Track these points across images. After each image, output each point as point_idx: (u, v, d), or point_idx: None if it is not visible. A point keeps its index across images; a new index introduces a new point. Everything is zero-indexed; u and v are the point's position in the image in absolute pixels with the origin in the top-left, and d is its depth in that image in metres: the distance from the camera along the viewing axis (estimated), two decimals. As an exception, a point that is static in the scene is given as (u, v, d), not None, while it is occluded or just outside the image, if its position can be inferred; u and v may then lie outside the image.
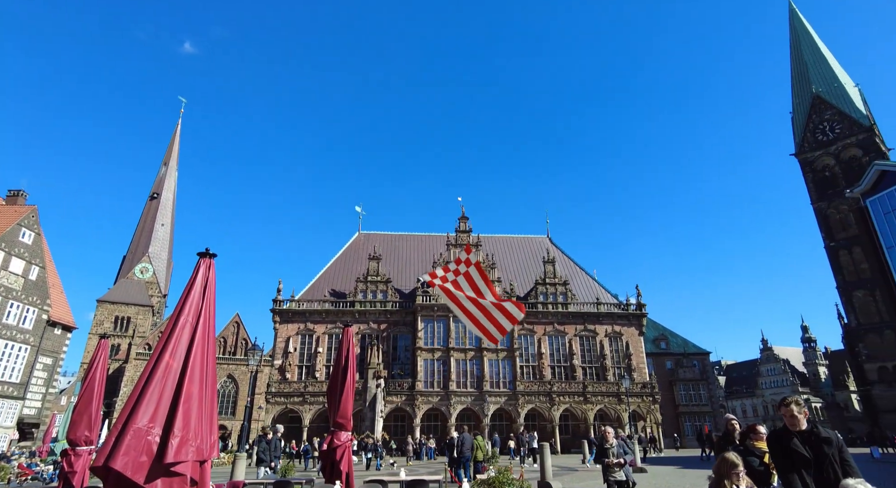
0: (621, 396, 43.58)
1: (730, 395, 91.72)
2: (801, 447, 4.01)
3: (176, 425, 3.64)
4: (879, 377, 46.49)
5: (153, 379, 3.71)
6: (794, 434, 4.13)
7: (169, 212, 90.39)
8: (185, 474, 3.64)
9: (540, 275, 51.33)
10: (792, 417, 4.21)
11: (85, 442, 7.77)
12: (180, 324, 4.08)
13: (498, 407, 43.80)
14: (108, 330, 71.48)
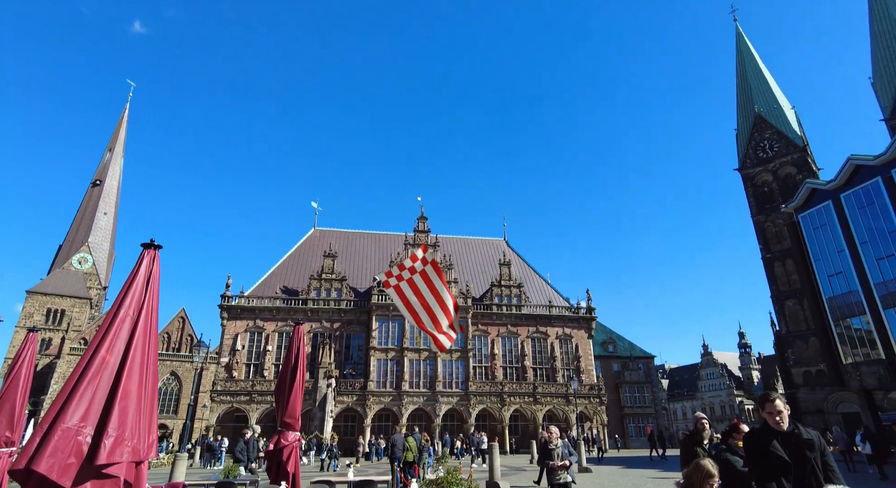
0: (570, 397, 44.67)
1: (672, 397, 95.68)
2: (781, 450, 3.55)
3: (110, 424, 3.44)
4: (804, 381, 49.68)
5: (87, 376, 3.48)
6: (775, 434, 3.64)
7: (113, 200, 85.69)
8: (118, 476, 3.45)
9: (496, 277, 51.96)
10: (778, 413, 3.69)
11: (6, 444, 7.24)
12: (120, 318, 3.86)
13: (450, 407, 43.98)
14: (38, 323, 67.04)
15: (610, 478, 19.87)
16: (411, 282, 9.68)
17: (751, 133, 58.25)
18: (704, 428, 6.18)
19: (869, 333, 30.11)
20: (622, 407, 62.28)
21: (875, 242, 29.98)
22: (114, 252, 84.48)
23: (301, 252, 53.75)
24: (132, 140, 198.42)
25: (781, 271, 51.74)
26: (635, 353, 66.84)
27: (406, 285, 9.74)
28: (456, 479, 10.89)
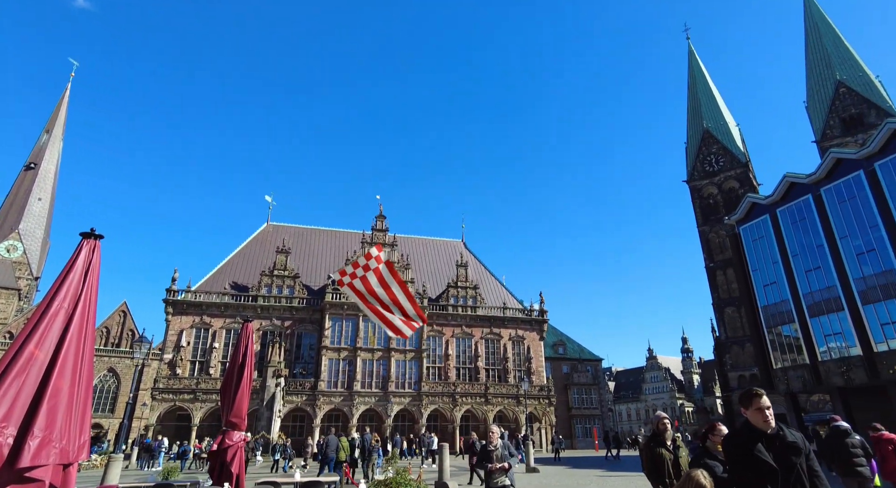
0: (520, 398, 45.42)
1: (617, 399, 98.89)
2: (766, 454, 3.18)
3: (36, 424, 3.24)
4: (739, 384, 52.54)
5: (11, 372, 3.26)
6: (759, 437, 3.26)
7: (49, 185, 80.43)
8: (42, 480, 3.25)
9: (452, 278, 52.22)
10: (763, 412, 3.31)
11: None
12: (52, 311, 3.64)
13: (402, 407, 43.83)
14: (-41, 314, 62.15)
15: (556, 478, 20.33)
16: (365, 279, 9.62)
17: (699, 147, 61.13)
18: (666, 428, 5.79)
19: (797, 340, 32.15)
20: (570, 408, 63.88)
21: (805, 255, 32.07)
22: (48, 240, 79.35)
23: (253, 247, 52.25)
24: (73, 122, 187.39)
25: (723, 280, 54.55)
26: (584, 356, 68.74)
27: (360, 283, 9.68)
28: (405, 480, 10.88)
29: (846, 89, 52.18)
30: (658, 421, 5.91)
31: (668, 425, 5.84)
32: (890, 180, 28.06)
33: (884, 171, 28.46)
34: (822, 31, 57.29)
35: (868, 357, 27.80)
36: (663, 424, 5.83)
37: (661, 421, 5.88)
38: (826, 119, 52.80)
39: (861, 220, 29.14)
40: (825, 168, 31.69)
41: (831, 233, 30.65)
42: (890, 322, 27.16)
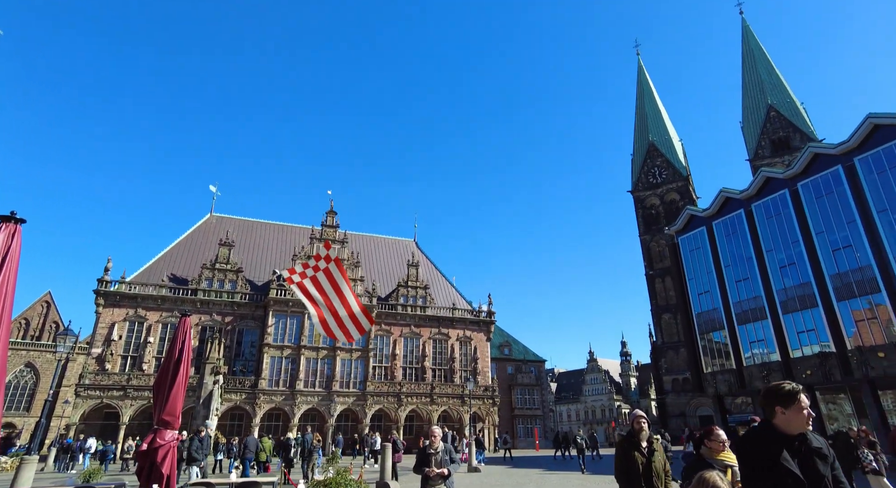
0: (465, 398, 45.84)
1: (558, 400, 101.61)
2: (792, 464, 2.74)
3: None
4: (672, 387, 55.28)
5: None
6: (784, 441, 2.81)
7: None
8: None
9: (403, 277, 52.04)
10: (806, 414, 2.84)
11: None
12: (-36, 299, 3.37)
13: (345, 407, 43.22)
14: None
15: (496, 478, 20.65)
16: (314, 279, 9.47)
17: (644, 159, 63.90)
18: (642, 428, 5.29)
19: (725, 346, 34.19)
20: (513, 408, 65.10)
21: (736, 266, 34.19)
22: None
23: (194, 238, 50.04)
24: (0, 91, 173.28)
25: (661, 287, 57.25)
26: (529, 357, 70.27)
27: (309, 282, 9.52)
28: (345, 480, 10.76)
29: (776, 113, 56.04)
30: (634, 420, 5.40)
31: (644, 424, 5.30)
32: (810, 199, 30.38)
33: (805, 191, 30.76)
34: (757, 57, 61.31)
35: (785, 362, 29.94)
36: (639, 423, 5.31)
37: (637, 420, 5.35)
38: (758, 140, 56.54)
39: (784, 236, 31.38)
40: (756, 185, 33.88)
41: (759, 246, 32.82)
42: (805, 330, 29.38)
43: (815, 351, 28.64)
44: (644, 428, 5.30)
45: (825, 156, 30.15)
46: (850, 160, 28.58)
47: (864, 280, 26.90)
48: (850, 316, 27.41)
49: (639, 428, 5.30)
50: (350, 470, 11.86)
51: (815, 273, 29.20)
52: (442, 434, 7.15)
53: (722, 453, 3.90)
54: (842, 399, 29.15)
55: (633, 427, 5.36)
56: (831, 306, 28.10)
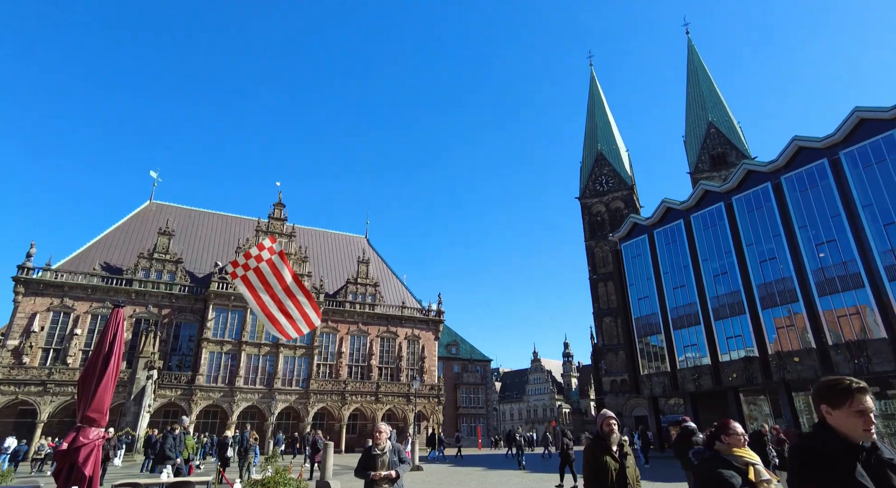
0: (410, 397, 45.80)
1: (502, 399, 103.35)
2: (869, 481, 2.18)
3: None
4: (611, 388, 57.45)
5: None
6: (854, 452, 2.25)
7: None
8: None
9: (353, 274, 51.33)
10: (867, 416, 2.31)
11: None
12: None
13: (287, 405, 42.18)
14: None
15: (438, 476, 20.76)
16: (258, 271, 9.08)
17: (592, 168, 66.01)
18: (612, 430, 4.82)
19: (661, 349, 35.90)
20: (458, 407, 65.65)
21: (674, 274, 35.95)
22: None
23: (131, 226, 47.35)
24: None
25: (604, 291, 59.33)
26: (475, 357, 71.06)
27: (253, 275, 9.12)
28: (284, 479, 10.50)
29: (716, 130, 59.34)
30: (603, 421, 4.89)
31: (614, 426, 4.84)
32: (742, 213, 32.39)
33: (738, 205, 32.77)
34: (700, 75, 64.71)
35: (714, 366, 31.79)
36: (609, 425, 4.83)
37: (607, 421, 4.87)
38: (699, 154, 59.66)
39: (719, 246, 33.30)
40: (695, 197, 35.77)
41: (696, 255, 34.66)
42: (734, 336, 31.30)
43: (741, 355, 30.55)
44: (615, 429, 4.85)
45: (756, 173, 32.22)
46: (778, 178, 30.68)
47: (785, 290, 28.95)
48: (773, 323, 29.44)
49: (609, 430, 4.82)
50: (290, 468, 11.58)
51: (744, 282, 31.15)
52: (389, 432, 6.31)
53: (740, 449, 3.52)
54: (762, 400, 31.27)
55: (602, 429, 4.87)
56: (757, 314, 30.07)
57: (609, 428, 4.82)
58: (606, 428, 4.84)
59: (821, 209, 28.22)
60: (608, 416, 4.90)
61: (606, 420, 4.88)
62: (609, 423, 4.84)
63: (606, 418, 4.89)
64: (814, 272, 27.72)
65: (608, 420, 4.87)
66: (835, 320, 26.64)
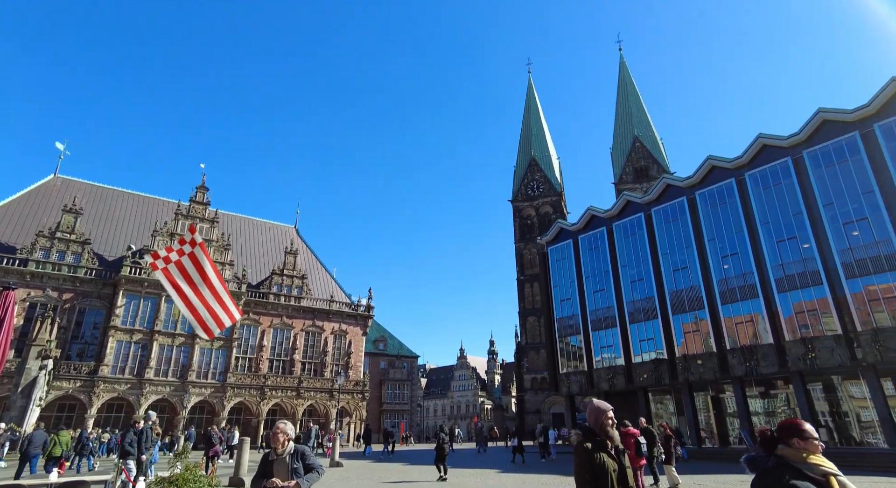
0: (334, 392, 45.02)
1: (427, 396, 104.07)
2: None
3: None
4: (531, 385, 59.56)
5: None
6: None
7: None
8: None
9: (279, 264, 49.58)
10: None
11: None
12: None
13: (201, 399, 40.06)
14: None
15: (357, 472, 20.61)
16: (179, 264, 8.72)
17: (525, 173, 68.04)
18: (611, 425, 3.99)
19: (580, 349, 37.68)
20: (382, 403, 65.37)
21: (594, 278, 37.83)
22: None
23: (31, 200, 42.95)
24: None
25: (530, 292, 61.34)
26: (403, 353, 71.05)
27: (174, 268, 8.75)
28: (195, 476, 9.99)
29: (640, 144, 63.06)
30: (602, 415, 3.98)
31: (613, 420, 4.02)
32: (659, 224, 34.67)
33: (656, 216, 35.04)
34: (630, 91, 68.49)
35: (628, 366, 33.84)
36: (609, 418, 3.97)
37: (606, 415, 3.98)
38: (623, 166, 63.15)
39: (637, 254, 35.43)
40: (618, 207, 37.81)
41: (616, 261, 36.66)
42: (646, 339, 33.45)
43: (651, 357, 32.71)
44: (612, 426, 3.99)
45: (674, 188, 34.60)
46: (693, 193, 33.13)
47: (693, 297, 31.34)
48: (681, 328, 31.77)
49: (607, 426, 3.95)
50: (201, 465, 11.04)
51: (657, 289, 33.36)
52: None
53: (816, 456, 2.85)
54: (668, 399, 33.70)
55: (600, 424, 3.96)
56: (668, 319, 32.31)
57: (607, 424, 3.96)
58: (605, 424, 3.96)
59: (727, 224, 30.79)
60: (606, 409, 4.00)
61: (605, 414, 3.98)
62: (609, 417, 3.98)
63: (604, 412, 3.98)
64: (718, 282, 30.21)
65: (607, 414, 3.98)
66: (733, 326, 29.18)
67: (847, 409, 25.54)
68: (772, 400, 28.70)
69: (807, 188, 27.48)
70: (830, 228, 25.95)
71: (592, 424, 4.00)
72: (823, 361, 24.86)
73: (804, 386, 25.95)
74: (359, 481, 16.93)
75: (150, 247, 40.69)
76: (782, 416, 27.80)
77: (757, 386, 28.91)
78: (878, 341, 23.16)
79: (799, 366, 25.65)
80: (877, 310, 23.74)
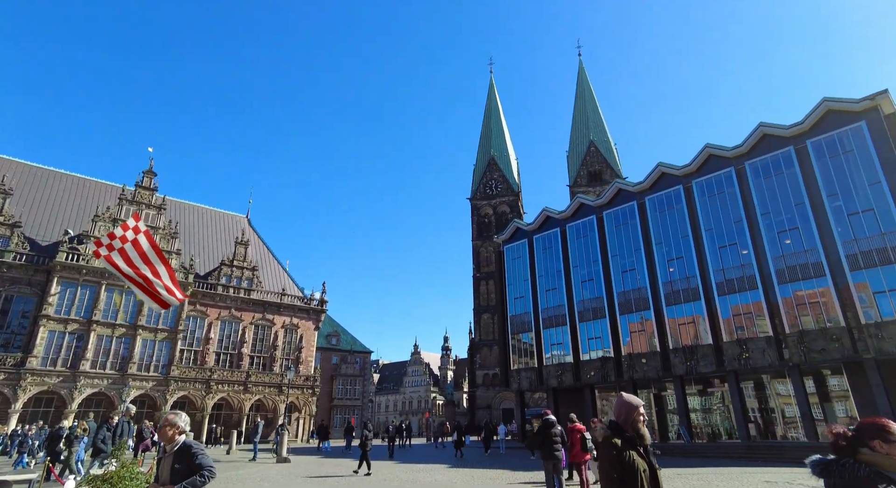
0: (283, 387, 44.10)
1: (379, 391, 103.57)
2: None
3: None
4: (483, 381, 60.36)
5: None
6: None
7: None
8: None
9: (229, 255, 48.00)
10: None
11: None
12: None
13: (142, 392, 38.33)
14: None
15: (305, 467, 20.35)
16: (123, 252, 8.54)
17: (484, 172, 68.68)
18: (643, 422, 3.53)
19: (531, 347, 38.48)
20: (332, 398, 64.58)
21: (547, 277, 38.70)
22: None
23: (-46, 179, 39.68)
24: None
25: (485, 289, 62.05)
26: (356, 348, 70.40)
27: (118, 256, 8.58)
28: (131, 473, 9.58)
29: (595, 149, 64.82)
30: (633, 411, 3.53)
31: (645, 417, 3.57)
32: (610, 227, 35.83)
33: (608, 219, 36.19)
34: (587, 96, 70.27)
35: (576, 364, 34.84)
36: (640, 414, 3.53)
37: (638, 410, 3.54)
38: (578, 169, 64.75)
39: (588, 255, 36.50)
40: (572, 208, 38.79)
41: (568, 262, 37.62)
42: (594, 337, 34.53)
43: (599, 355, 33.81)
44: (643, 422, 3.54)
45: (625, 192, 35.83)
46: (643, 199, 34.42)
47: (640, 298, 32.59)
48: (628, 327, 33.00)
49: (637, 422, 3.50)
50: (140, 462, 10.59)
51: (606, 289, 34.49)
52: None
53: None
54: (613, 396, 34.93)
55: (630, 419, 3.51)
56: (615, 318, 33.47)
57: (638, 420, 3.52)
58: (636, 420, 3.51)
59: (674, 229, 32.18)
60: (637, 404, 3.56)
61: (636, 409, 3.54)
62: (639, 413, 3.54)
63: (636, 407, 3.55)
64: (664, 284, 31.55)
65: (637, 409, 3.54)
66: (676, 327, 30.58)
67: (773, 406, 27.31)
68: (709, 398, 30.28)
69: (747, 197, 29.10)
70: (767, 236, 27.60)
71: (623, 421, 3.53)
72: (756, 361, 26.47)
73: (738, 384, 27.53)
74: (281, 477, 16.71)
75: (91, 233, 38.51)
76: (717, 413, 29.44)
77: (696, 385, 30.43)
78: (804, 343, 24.89)
79: (734, 366, 27.20)
80: (803, 314, 25.49)
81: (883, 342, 22.75)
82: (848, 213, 25.13)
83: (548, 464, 10.92)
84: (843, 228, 25.12)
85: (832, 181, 26.09)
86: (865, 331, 23.31)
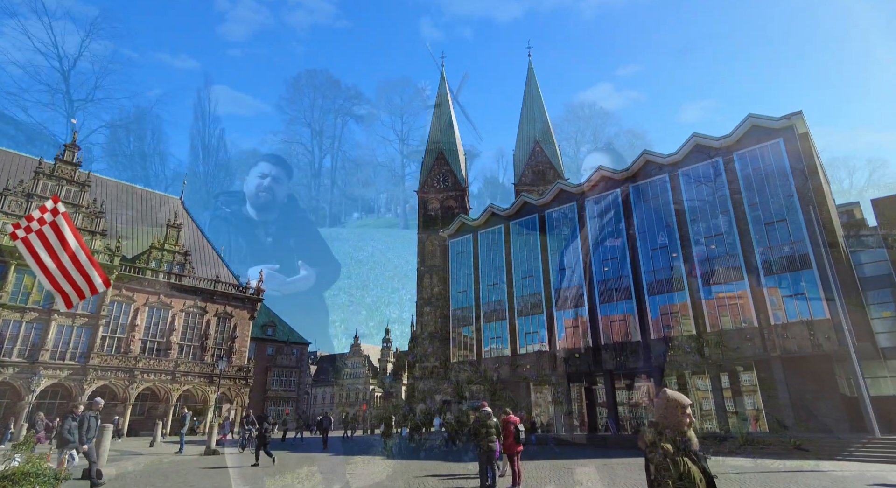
0: (214, 378, 42.42)
1: (316, 383, 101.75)
2: None
3: None
4: (422, 373, 60.63)
5: None
6: None
7: None
8: None
9: (160, 238, 45.37)
10: None
11: None
12: None
13: (55, 382, 35.66)
14: None
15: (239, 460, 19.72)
16: (41, 234, 7.98)
17: (433, 165, 68.71)
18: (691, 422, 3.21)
19: (471, 340, 39.07)
20: (266, 390, 62.82)
21: (490, 273, 39.38)
22: None
23: None
24: None
25: (429, 282, 62.17)
26: (293, 339, 68.75)
27: (36, 238, 7.99)
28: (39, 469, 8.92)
29: (540, 149, 66.32)
30: (680, 408, 3.19)
31: (692, 419, 3.21)
32: (550, 226, 36.91)
33: (548, 218, 37.26)
34: (535, 97, 71.71)
35: (513, 357, 35.73)
36: (687, 415, 3.18)
37: (685, 410, 3.18)
38: (524, 169, 66.06)
39: (529, 252, 37.43)
40: (516, 206, 39.60)
41: (510, 258, 38.42)
42: (531, 332, 35.54)
43: (535, 349, 34.83)
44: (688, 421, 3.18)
45: (566, 193, 36.98)
46: (583, 200, 35.66)
47: (575, 295, 33.82)
48: (563, 323, 34.17)
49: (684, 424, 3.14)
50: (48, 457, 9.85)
51: (544, 285, 35.54)
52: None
53: None
54: (547, 389, 36.10)
55: (676, 420, 3.15)
56: (552, 314, 34.57)
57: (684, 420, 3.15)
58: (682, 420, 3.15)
59: (610, 230, 33.59)
60: (685, 404, 3.18)
61: (683, 409, 3.16)
62: (686, 414, 3.16)
63: (683, 407, 3.17)
64: (598, 283, 32.90)
65: (685, 409, 3.17)
66: (608, 324, 32.00)
67: (693, 400, 29.22)
68: (635, 393, 31.96)
69: (679, 203, 30.81)
70: (694, 241, 29.38)
71: (670, 423, 3.16)
72: (680, 358, 28.19)
73: (663, 379, 29.23)
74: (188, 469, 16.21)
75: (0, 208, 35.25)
76: (642, 407, 31.14)
77: (624, 379, 32.02)
78: (722, 341, 26.78)
79: (660, 362, 28.83)
80: (723, 314, 27.41)
81: (787, 341, 24.91)
82: (765, 222, 27.22)
83: (481, 456, 11.16)
84: (760, 236, 27.19)
85: (753, 191, 28.12)
86: (774, 331, 25.42)
